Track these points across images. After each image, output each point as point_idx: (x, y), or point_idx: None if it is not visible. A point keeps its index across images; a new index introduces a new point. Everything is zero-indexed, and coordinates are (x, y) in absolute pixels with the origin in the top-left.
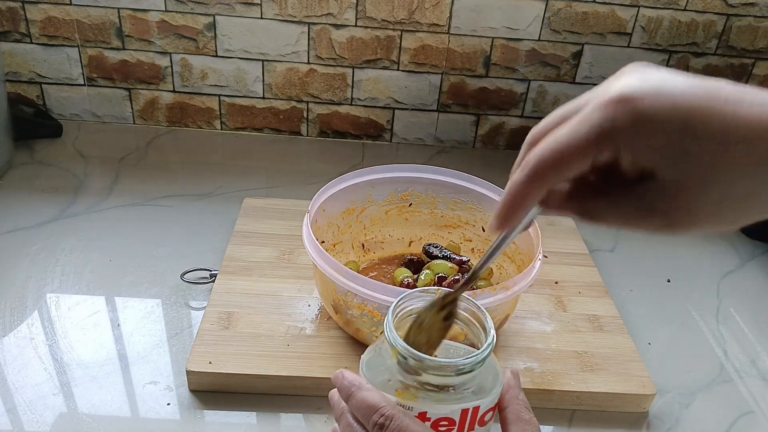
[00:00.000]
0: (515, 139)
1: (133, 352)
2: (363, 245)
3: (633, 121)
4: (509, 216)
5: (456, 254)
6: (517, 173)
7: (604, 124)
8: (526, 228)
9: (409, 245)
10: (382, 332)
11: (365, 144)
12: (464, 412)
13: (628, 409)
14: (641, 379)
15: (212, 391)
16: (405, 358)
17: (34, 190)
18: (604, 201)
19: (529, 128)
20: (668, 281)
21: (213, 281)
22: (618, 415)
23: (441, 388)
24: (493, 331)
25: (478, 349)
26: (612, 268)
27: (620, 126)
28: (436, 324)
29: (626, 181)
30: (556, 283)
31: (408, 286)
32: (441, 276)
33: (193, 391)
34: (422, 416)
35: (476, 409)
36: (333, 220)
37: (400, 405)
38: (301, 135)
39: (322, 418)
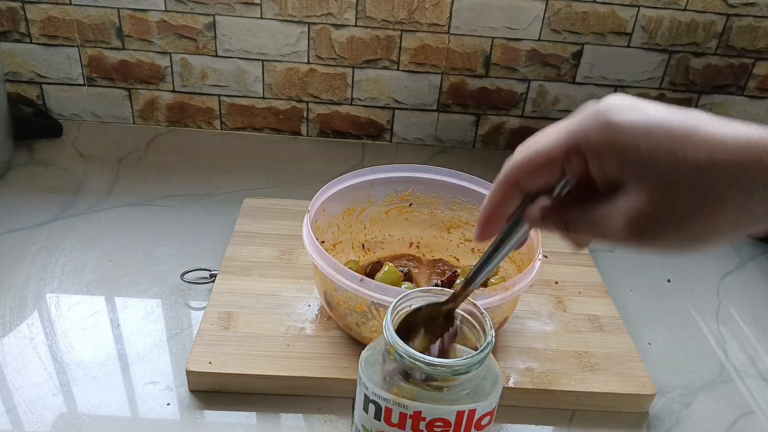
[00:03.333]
0: (515, 139)
1: (133, 352)
2: (363, 245)
3: (604, 132)
4: (489, 223)
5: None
6: (495, 181)
7: (576, 132)
8: (519, 245)
9: (410, 246)
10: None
11: (365, 144)
12: (460, 414)
13: (628, 409)
14: (641, 379)
15: (212, 391)
16: (402, 357)
17: (34, 190)
18: (578, 209)
19: (529, 128)
20: (668, 281)
21: (213, 281)
22: (618, 415)
23: (437, 388)
24: (492, 333)
25: (477, 351)
26: (612, 268)
27: (591, 135)
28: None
29: (599, 193)
30: (556, 283)
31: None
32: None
33: (193, 391)
34: (417, 415)
35: (472, 411)
36: (333, 219)
37: (396, 403)
38: (301, 135)
39: (322, 419)
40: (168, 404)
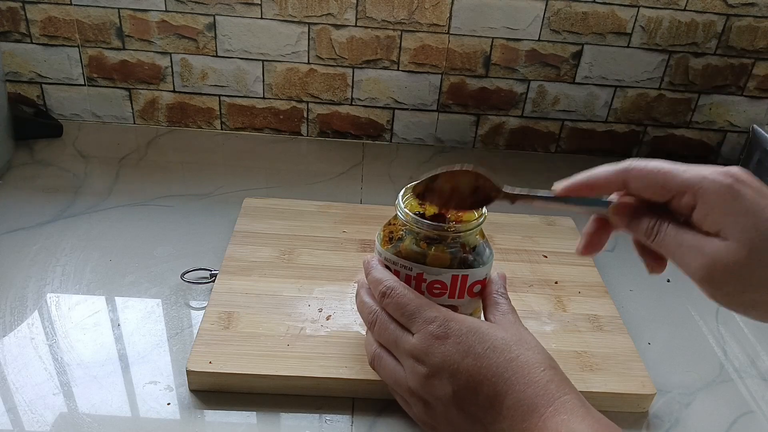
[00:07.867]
0: (515, 140)
1: (133, 352)
2: None
3: (729, 191)
4: (579, 187)
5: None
6: (612, 164)
7: (707, 178)
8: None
9: None
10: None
11: (365, 144)
12: (454, 278)
13: (628, 409)
14: (641, 379)
15: (212, 391)
16: (407, 222)
17: (34, 190)
18: (673, 224)
19: (528, 128)
20: (668, 281)
21: (213, 281)
22: (618, 415)
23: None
24: (485, 209)
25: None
26: (612, 268)
27: (715, 189)
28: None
29: (695, 228)
30: (556, 282)
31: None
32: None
33: (193, 390)
34: (419, 277)
35: (465, 277)
36: None
37: (402, 266)
38: (301, 135)
39: (322, 418)
40: (168, 404)
